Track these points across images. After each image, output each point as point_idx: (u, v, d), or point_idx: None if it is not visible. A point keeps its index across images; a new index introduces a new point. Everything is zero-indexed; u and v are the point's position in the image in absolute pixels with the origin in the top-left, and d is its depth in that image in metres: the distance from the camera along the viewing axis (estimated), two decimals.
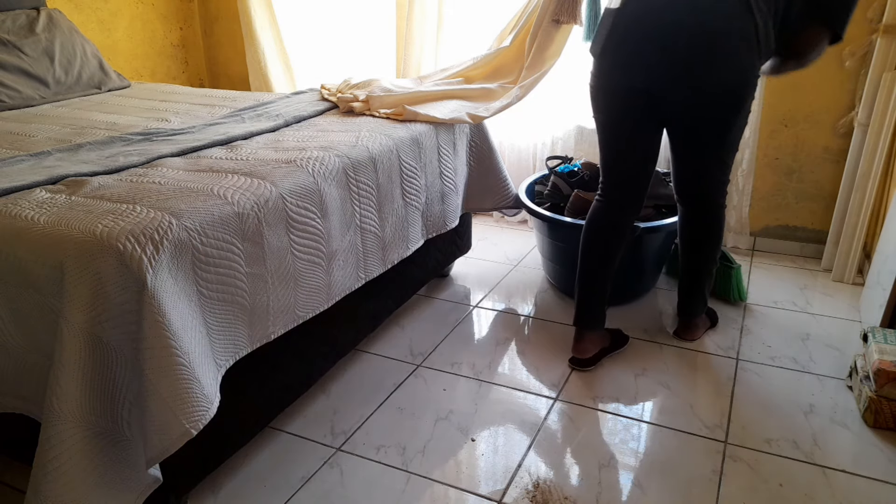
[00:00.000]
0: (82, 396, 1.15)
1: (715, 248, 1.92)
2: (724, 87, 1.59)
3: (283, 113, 2.08)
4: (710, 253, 1.92)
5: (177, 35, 3.42)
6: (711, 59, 1.54)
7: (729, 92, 1.59)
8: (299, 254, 1.49)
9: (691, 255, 1.94)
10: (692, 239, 1.92)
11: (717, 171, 1.79)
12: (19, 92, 2.35)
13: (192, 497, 1.47)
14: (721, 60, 1.54)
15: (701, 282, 1.96)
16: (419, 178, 1.93)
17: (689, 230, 1.92)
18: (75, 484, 1.14)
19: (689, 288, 1.98)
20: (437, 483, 1.50)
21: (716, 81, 1.57)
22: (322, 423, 1.70)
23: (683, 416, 1.70)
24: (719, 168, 1.79)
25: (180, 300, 1.20)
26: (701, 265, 1.94)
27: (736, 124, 1.68)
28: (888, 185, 2.22)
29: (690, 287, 1.97)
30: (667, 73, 1.59)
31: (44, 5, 2.69)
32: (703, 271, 1.95)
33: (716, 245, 1.92)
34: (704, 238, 1.90)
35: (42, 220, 1.23)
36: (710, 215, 1.87)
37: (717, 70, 1.56)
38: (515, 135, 2.90)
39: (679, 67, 1.57)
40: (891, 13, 2.16)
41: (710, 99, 1.61)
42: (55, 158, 1.63)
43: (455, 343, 2.07)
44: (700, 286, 1.96)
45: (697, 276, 1.95)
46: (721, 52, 1.53)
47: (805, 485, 1.47)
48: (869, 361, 1.68)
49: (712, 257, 1.93)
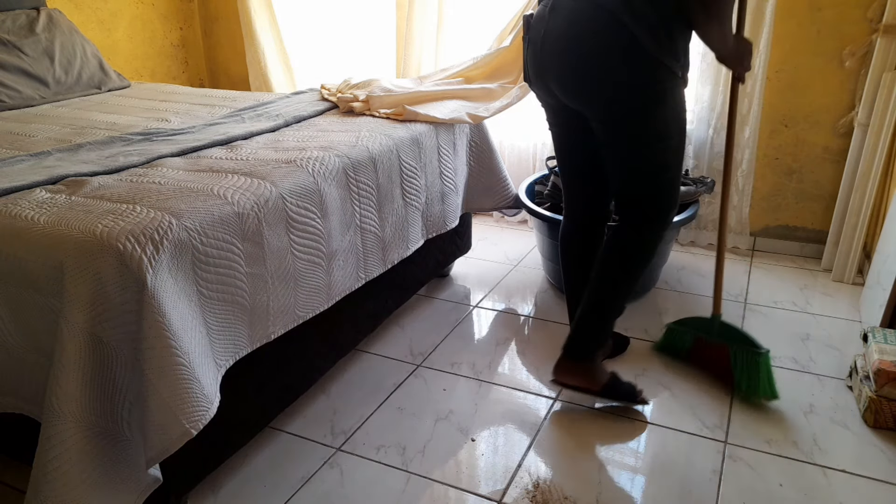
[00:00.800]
0: (82, 396, 1.15)
1: (623, 274, 1.65)
2: (602, 101, 1.51)
3: (283, 113, 2.08)
4: (616, 277, 1.65)
5: (177, 35, 3.42)
6: (586, 72, 1.49)
7: (608, 105, 1.51)
8: (299, 254, 1.49)
9: (596, 275, 1.68)
10: (602, 256, 1.68)
11: (632, 184, 1.60)
12: (19, 92, 2.36)
13: (192, 497, 1.46)
14: (594, 74, 1.48)
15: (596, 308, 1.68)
16: (419, 178, 1.93)
17: (605, 245, 1.69)
18: (75, 484, 1.14)
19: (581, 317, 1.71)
20: (437, 483, 1.50)
21: (594, 95, 1.51)
22: (322, 423, 1.70)
23: (683, 416, 1.70)
24: (633, 182, 1.60)
25: (180, 300, 1.20)
26: (604, 292, 1.67)
27: (637, 135, 1.52)
28: (888, 184, 2.22)
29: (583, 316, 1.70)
30: (558, 85, 1.56)
31: (44, 5, 2.69)
32: (604, 300, 1.67)
33: (625, 271, 1.65)
34: (613, 257, 1.65)
35: (42, 220, 1.23)
36: (622, 232, 1.65)
37: (591, 83, 1.49)
38: (515, 135, 2.90)
39: (564, 81, 1.54)
40: (891, 13, 2.16)
41: (597, 111, 1.54)
42: (55, 158, 1.63)
43: (455, 343, 2.07)
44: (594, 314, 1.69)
45: (595, 306, 1.68)
46: (592, 66, 1.47)
47: (805, 485, 1.47)
48: (869, 361, 1.68)
49: (619, 285, 1.66)
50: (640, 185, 1.61)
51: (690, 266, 2.55)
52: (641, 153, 1.56)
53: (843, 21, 2.28)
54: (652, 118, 1.51)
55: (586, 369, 1.70)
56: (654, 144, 1.55)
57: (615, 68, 1.45)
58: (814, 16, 2.31)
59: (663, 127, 1.53)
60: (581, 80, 1.51)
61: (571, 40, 1.48)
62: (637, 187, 1.62)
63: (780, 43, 2.38)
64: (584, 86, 1.51)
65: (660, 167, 1.58)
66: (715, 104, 2.50)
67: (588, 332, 1.69)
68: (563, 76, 1.53)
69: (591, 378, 1.70)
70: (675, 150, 1.57)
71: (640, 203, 1.63)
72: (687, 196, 2.22)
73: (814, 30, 2.33)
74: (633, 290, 1.71)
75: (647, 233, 1.64)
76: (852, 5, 2.25)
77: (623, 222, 1.66)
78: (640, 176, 1.60)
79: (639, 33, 1.40)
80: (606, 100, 1.50)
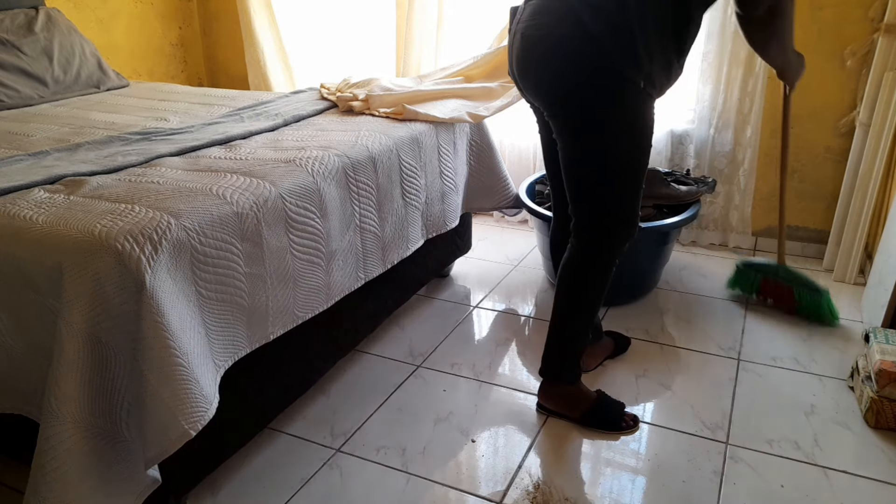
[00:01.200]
0: (81, 397, 1.14)
1: (575, 293, 1.58)
2: (550, 102, 1.45)
3: (282, 112, 2.07)
4: (569, 297, 1.59)
5: (176, 34, 3.41)
6: (538, 70, 1.43)
7: (556, 107, 1.45)
8: (298, 254, 1.48)
9: (555, 293, 1.62)
10: (559, 273, 1.61)
11: (574, 198, 1.52)
12: (18, 91, 2.35)
13: (192, 497, 1.46)
14: (542, 75, 1.43)
15: (557, 330, 1.63)
16: (419, 178, 1.93)
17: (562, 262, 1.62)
18: (74, 485, 1.14)
19: (548, 334, 1.66)
20: (438, 484, 1.49)
21: (543, 95, 1.46)
22: (322, 423, 1.70)
23: (684, 416, 1.69)
24: (575, 195, 1.52)
25: (179, 300, 1.20)
26: (560, 311, 1.62)
27: (582, 145, 1.45)
28: (890, 184, 2.21)
29: (549, 333, 1.65)
30: (519, 80, 1.52)
31: (42, 4, 2.68)
32: (563, 318, 1.61)
33: (577, 291, 1.57)
34: (565, 276, 1.59)
35: (41, 220, 1.22)
36: (570, 250, 1.58)
37: (542, 83, 1.44)
38: (515, 134, 2.89)
39: (523, 76, 1.49)
40: (892, 13, 2.15)
41: (548, 112, 1.48)
42: (54, 158, 1.62)
43: (455, 343, 2.06)
44: (554, 336, 1.64)
45: (555, 323, 1.63)
46: (543, 64, 1.41)
47: (806, 486, 1.46)
48: (870, 362, 1.68)
49: (574, 304, 1.59)
50: (581, 200, 1.51)
51: (692, 266, 2.54)
52: (585, 165, 1.47)
53: (845, 21, 2.28)
54: (598, 128, 1.41)
55: (565, 393, 1.66)
56: (600, 157, 1.44)
57: (564, 66, 1.38)
58: (815, 15, 2.31)
59: (611, 139, 1.42)
60: (533, 76, 1.45)
61: (527, 36, 1.43)
62: (579, 202, 1.52)
63: None
64: (537, 84, 1.46)
65: (602, 182, 1.47)
66: (716, 104, 2.49)
67: (554, 351, 1.65)
68: (522, 71, 1.49)
69: (571, 403, 1.65)
70: (625, 166, 1.45)
71: (581, 219, 1.53)
72: (688, 196, 2.21)
73: (815, 29, 2.32)
74: (596, 308, 1.61)
75: (591, 252, 1.54)
76: (853, 5, 2.25)
77: (572, 239, 1.58)
78: (581, 190, 1.50)
79: (596, 32, 1.32)
80: (556, 100, 1.44)
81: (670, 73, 1.43)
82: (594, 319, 1.65)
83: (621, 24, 1.32)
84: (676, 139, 2.61)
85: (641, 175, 1.50)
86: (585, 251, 1.55)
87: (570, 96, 1.41)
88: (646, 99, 1.42)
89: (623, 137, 1.43)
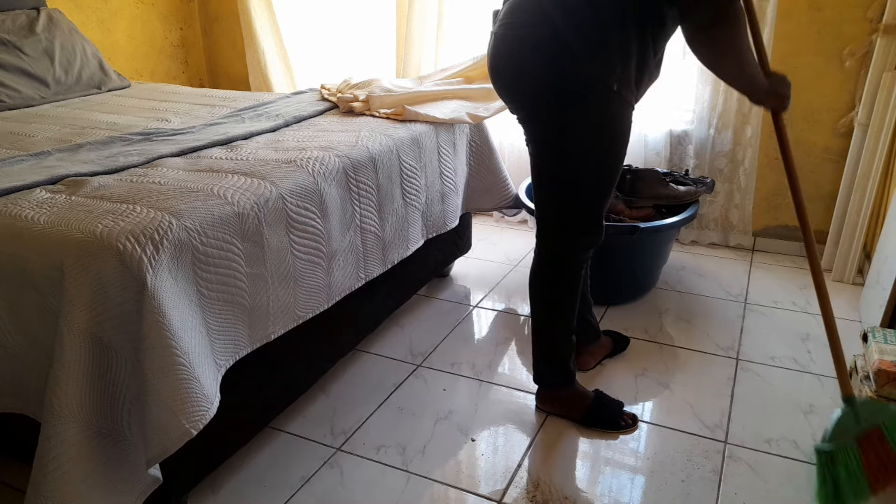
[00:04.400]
0: (82, 396, 1.15)
1: (544, 300, 1.57)
2: (517, 101, 1.43)
3: (283, 113, 2.08)
4: (539, 304, 1.59)
5: (177, 35, 3.42)
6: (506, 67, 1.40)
7: (522, 107, 1.43)
8: (299, 254, 1.49)
9: (530, 303, 1.62)
10: (529, 284, 1.61)
11: (538, 200, 1.50)
12: (19, 92, 2.36)
13: (192, 497, 1.47)
14: (510, 72, 1.39)
15: (537, 338, 1.64)
16: (419, 178, 1.93)
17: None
18: (75, 484, 1.14)
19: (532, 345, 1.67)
20: (437, 483, 1.50)
21: (511, 94, 1.43)
22: (322, 423, 1.70)
23: (683, 416, 1.70)
24: (538, 197, 1.49)
25: (180, 300, 1.20)
26: (536, 321, 1.62)
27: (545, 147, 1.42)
28: (888, 185, 2.21)
29: (532, 340, 1.66)
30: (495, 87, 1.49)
31: (44, 5, 2.69)
32: (540, 323, 1.62)
33: (545, 298, 1.57)
34: (534, 283, 1.59)
35: (42, 220, 1.23)
36: (536, 257, 1.56)
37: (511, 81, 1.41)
38: (515, 135, 2.90)
39: (497, 83, 1.47)
40: (891, 13, 2.16)
41: (516, 112, 1.46)
42: (55, 158, 1.63)
43: (455, 343, 2.07)
44: (536, 344, 1.65)
45: (534, 329, 1.64)
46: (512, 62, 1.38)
47: (805, 485, 1.46)
48: (869, 361, 1.68)
49: (546, 310, 1.59)
50: (544, 207, 1.48)
51: (691, 266, 2.55)
52: (547, 167, 1.45)
53: (844, 21, 2.28)
54: (564, 133, 1.37)
55: (561, 396, 1.67)
56: (563, 161, 1.40)
57: (534, 68, 1.34)
58: (814, 16, 2.31)
59: (575, 144, 1.38)
60: (505, 79, 1.43)
61: (499, 36, 1.41)
62: (541, 209, 1.49)
63: (781, 43, 2.38)
64: (509, 85, 1.43)
65: (565, 191, 1.43)
66: (716, 104, 2.50)
67: (539, 360, 1.66)
68: (493, 73, 1.46)
69: (569, 405, 1.67)
70: (594, 175, 1.41)
71: (545, 228, 1.51)
72: (686, 196, 2.22)
73: (814, 30, 2.33)
74: (571, 313, 1.58)
75: (554, 262, 1.52)
76: (852, 5, 2.25)
77: (535, 247, 1.56)
78: (542, 197, 1.48)
79: (566, 31, 1.28)
80: (526, 104, 1.41)
81: (644, 76, 1.38)
82: (572, 324, 1.61)
83: (592, 25, 1.28)
84: (676, 139, 2.62)
85: (611, 183, 1.45)
86: (548, 261, 1.55)
87: (538, 100, 1.38)
88: (619, 103, 1.36)
89: (591, 144, 1.38)
